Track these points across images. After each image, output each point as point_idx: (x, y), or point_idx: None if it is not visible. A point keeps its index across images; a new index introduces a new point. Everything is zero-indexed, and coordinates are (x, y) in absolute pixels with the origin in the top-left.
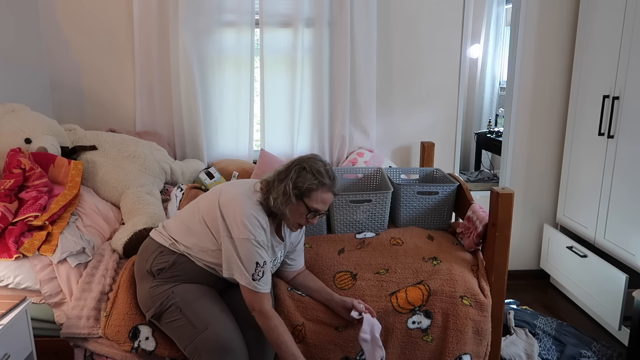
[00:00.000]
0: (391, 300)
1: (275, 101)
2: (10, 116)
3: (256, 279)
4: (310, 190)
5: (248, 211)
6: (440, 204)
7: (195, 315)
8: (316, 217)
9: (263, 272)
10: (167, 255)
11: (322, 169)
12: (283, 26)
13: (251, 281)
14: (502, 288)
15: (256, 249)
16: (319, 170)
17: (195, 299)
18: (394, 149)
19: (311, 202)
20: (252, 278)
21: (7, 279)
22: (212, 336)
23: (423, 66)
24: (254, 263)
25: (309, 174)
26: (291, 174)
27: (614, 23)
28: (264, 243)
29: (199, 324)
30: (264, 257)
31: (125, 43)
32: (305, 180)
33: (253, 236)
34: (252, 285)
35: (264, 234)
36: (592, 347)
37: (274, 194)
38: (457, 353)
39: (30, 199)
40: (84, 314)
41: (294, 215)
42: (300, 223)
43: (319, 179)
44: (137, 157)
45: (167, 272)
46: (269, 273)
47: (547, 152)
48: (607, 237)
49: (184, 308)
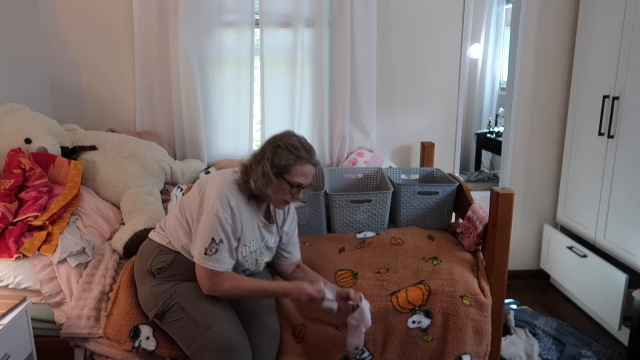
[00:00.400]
0: (391, 299)
1: (275, 101)
2: (10, 116)
3: (208, 254)
4: (289, 165)
5: (220, 188)
6: (440, 204)
7: (198, 314)
8: (300, 191)
9: (217, 250)
10: (165, 254)
11: (297, 143)
12: (283, 26)
13: (202, 255)
14: (502, 288)
15: (216, 224)
16: (294, 145)
17: (198, 298)
18: (394, 149)
19: (292, 177)
20: (205, 252)
21: (7, 279)
22: (216, 335)
23: (423, 66)
24: (210, 238)
25: (285, 150)
26: (267, 154)
27: (614, 23)
28: (227, 221)
29: (202, 323)
30: (222, 235)
31: (125, 43)
32: (282, 157)
33: (217, 212)
34: (202, 260)
35: (230, 212)
36: (592, 347)
37: (253, 176)
38: (457, 353)
39: (31, 199)
40: (84, 313)
41: (277, 193)
42: (286, 200)
43: (295, 153)
44: (137, 157)
45: (166, 271)
46: (225, 253)
47: (547, 152)
48: (607, 237)
49: (187, 307)
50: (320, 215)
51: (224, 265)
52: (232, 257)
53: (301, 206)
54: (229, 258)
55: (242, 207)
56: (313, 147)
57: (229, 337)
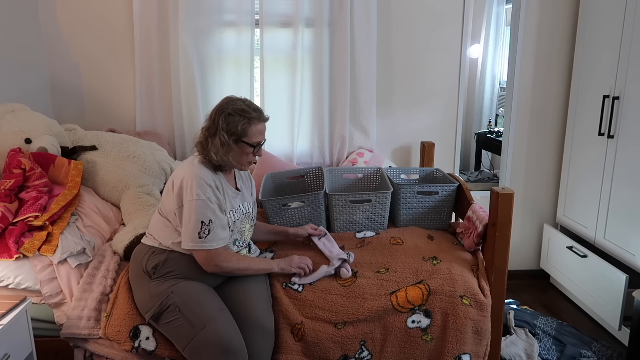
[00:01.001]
0: (391, 299)
1: (275, 101)
2: (10, 116)
3: (202, 237)
4: (245, 129)
5: (192, 174)
6: (440, 204)
7: (193, 314)
8: (260, 148)
9: (209, 230)
10: (158, 254)
11: (244, 106)
12: (283, 26)
13: (197, 239)
14: (502, 288)
15: (201, 207)
16: (242, 109)
17: (194, 299)
18: (394, 149)
19: (250, 138)
20: (198, 236)
21: (7, 279)
22: (211, 335)
23: (423, 66)
24: (199, 222)
25: (236, 116)
26: (220, 125)
27: (614, 23)
28: (212, 199)
29: (197, 323)
30: (210, 215)
31: (125, 43)
32: (236, 123)
33: (197, 195)
34: (198, 244)
35: (211, 190)
36: (592, 347)
37: (213, 149)
38: (456, 353)
39: (31, 199)
40: (84, 314)
41: (240, 157)
42: (250, 160)
43: (247, 116)
44: (137, 157)
45: (162, 269)
46: (218, 230)
47: (547, 152)
48: (607, 237)
49: (183, 307)
50: (320, 215)
51: (221, 241)
52: (227, 232)
53: (301, 206)
54: (224, 233)
55: (217, 182)
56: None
57: (224, 336)
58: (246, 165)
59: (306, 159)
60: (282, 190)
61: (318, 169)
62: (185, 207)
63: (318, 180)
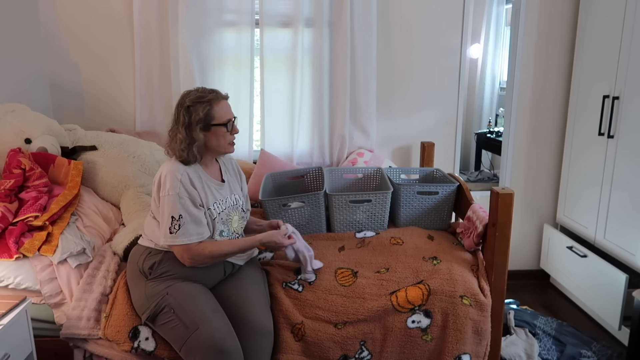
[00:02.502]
0: (391, 299)
1: (275, 101)
2: (10, 116)
3: (173, 232)
4: (209, 112)
5: (167, 169)
6: (440, 204)
7: (187, 316)
8: (234, 124)
9: (179, 226)
10: (154, 254)
11: (199, 93)
12: (283, 26)
13: (169, 235)
14: (502, 288)
15: (172, 202)
16: (198, 96)
17: (188, 300)
18: (394, 149)
19: (219, 119)
20: (169, 231)
21: (7, 279)
22: (204, 336)
23: (423, 66)
24: (170, 217)
25: (196, 104)
26: (183, 120)
27: (614, 23)
28: (183, 194)
29: (190, 324)
30: (180, 211)
31: (125, 43)
32: (198, 111)
33: (168, 191)
34: (170, 240)
35: (182, 185)
36: (592, 347)
37: (179, 145)
38: (456, 353)
39: (31, 199)
40: (84, 314)
41: (218, 140)
42: (229, 141)
43: (204, 100)
44: (137, 157)
45: (158, 269)
46: (189, 225)
47: (547, 152)
48: (607, 237)
49: (177, 309)
50: (320, 215)
51: (193, 237)
52: (201, 227)
53: (301, 206)
54: (197, 228)
55: (192, 176)
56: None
57: (218, 336)
58: (228, 147)
59: (306, 159)
60: (282, 190)
61: (318, 169)
62: (160, 203)
63: (318, 180)
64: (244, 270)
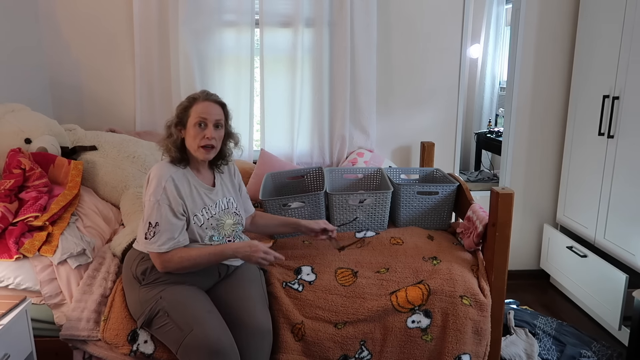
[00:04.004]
0: (391, 299)
1: (275, 101)
2: (10, 116)
3: (147, 238)
4: (187, 110)
5: (155, 174)
6: (440, 204)
7: (181, 318)
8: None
9: (154, 233)
10: (147, 259)
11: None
12: (283, 26)
13: (144, 240)
14: (502, 288)
15: (151, 208)
16: (188, 96)
17: (181, 302)
18: (394, 149)
19: (192, 119)
20: (145, 237)
21: (7, 280)
22: (199, 336)
23: (423, 66)
24: (147, 222)
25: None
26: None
27: (614, 23)
28: (163, 202)
29: (184, 326)
30: (157, 218)
31: (125, 43)
32: (179, 108)
33: (150, 196)
34: (143, 245)
35: (164, 193)
36: (592, 347)
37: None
38: (456, 353)
39: (31, 199)
40: (84, 316)
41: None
42: (201, 144)
43: (190, 98)
44: (137, 157)
45: (150, 275)
46: (163, 234)
47: (547, 152)
48: (607, 237)
49: (171, 312)
50: (320, 215)
51: (165, 245)
52: (176, 236)
53: (301, 206)
54: (172, 237)
55: (178, 182)
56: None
57: (212, 337)
58: (198, 150)
59: (306, 159)
60: (282, 190)
61: (318, 169)
62: (144, 206)
63: (318, 180)
64: (240, 270)
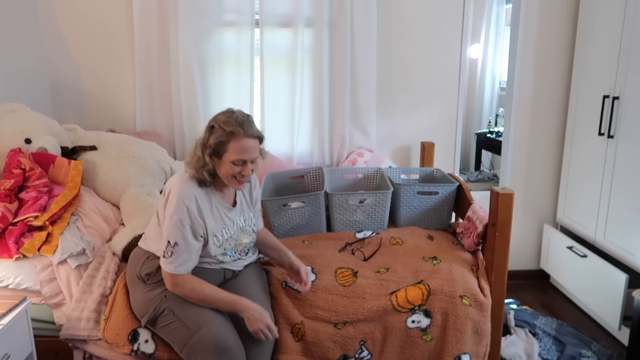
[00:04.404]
0: (391, 299)
1: (275, 101)
2: (10, 116)
3: (165, 256)
4: (224, 143)
5: (177, 189)
6: (440, 204)
7: (188, 317)
8: (247, 165)
9: (171, 253)
10: (153, 260)
11: (229, 118)
12: (283, 26)
13: (162, 257)
14: (502, 288)
15: (173, 227)
16: (225, 121)
17: (187, 301)
18: (394, 149)
19: (229, 156)
20: (163, 255)
21: (7, 280)
22: (206, 336)
23: (423, 66)
24: (167, 241)
25: (218, 129)
26: (203, 138)
27: (614, 23)
28: (186, 222)
29: (192, 325)
30: (178, 238)
31: (125, 43)
32: (215, 135)
33: (172, 214)
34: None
35: (187, 212)
36: (592, 347)
37: (198, 164)
38: (456, 353)
39: (31, 199)
40: (84, 315)
41: (226, 173)
42: (236, 177)
43: (227, 129)
44: (137, 157)
45: (155, 277)
46: (182, 255)
47: (547, 152)
48: (607, 237)
49: (177, 310)
50: (320, 215)
51: (181, 267)
52: (191, 258)
53: (301, 206)
54: (187, 261)
55: (201, 201)
56: (252, 120)
57: (219, 336)
58: (232, 181)
59: (306, 159)
60: (282, 190)
61: (318, 169)
62: (165, 221)
63: (318, 180)
64: (244, 270)
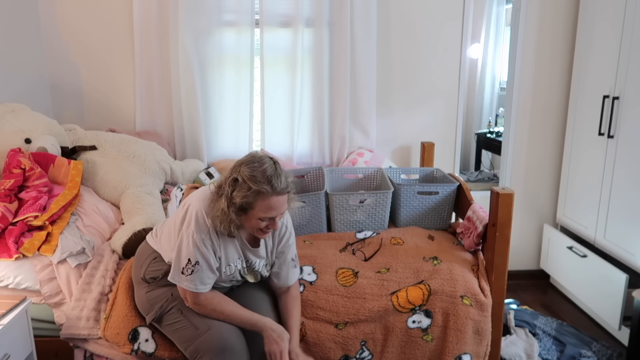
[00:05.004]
0: (392, 299)
1: (275, 101)
2: (10, 116)
3: (185, 274)
4: (249, 204)
5: (199, 209)
6: (440, 204)
7: (196, 317)
8: (275, 221)
9: (192, 271)
10: (159, 262)
11: (257, 172)
12: (283, 26)
13: (180, 274)
14: (502, 288)
15: (193, 246)
16: (252, 176)
17: None
18: (394, 149)
19: (256, 213)
20: (182, 272)
21: (7, 279)
22: (214, 337)
23: (423, 66)
24: (187, 258)
25: (244, 185)
26: (227, 191)
27: (614, 23)
28: (204, 242)
29: (201, 326)
30: (199, 257)
31: (125, 43)
32: (240, 193)
33: (193, 232)
34: (178, 278)
35: (208, 233)
36: (592, 347)
37: (215, 211)
38: (457, 353)
39: (30, 199)
40: (83, 314)
41: (251, 224)
42: (262, 229)
43: (254, 188)
44: (137, 157)
45: (160, 282)
46: (203, 274)
47: (547, 152)
48: (607, 237)
49: (185, 310)
50: (320, 215)
51: (201, 286)
52: (211, 277)
53: (301, 206)
54: (207, 279)
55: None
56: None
57: (227, 338)
58: (257, 233)
59: (306, 159)
60: None
61: (318, 169)
62: (182, 236)
63: (318, 180)
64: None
